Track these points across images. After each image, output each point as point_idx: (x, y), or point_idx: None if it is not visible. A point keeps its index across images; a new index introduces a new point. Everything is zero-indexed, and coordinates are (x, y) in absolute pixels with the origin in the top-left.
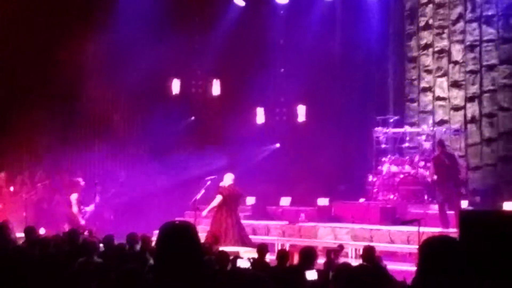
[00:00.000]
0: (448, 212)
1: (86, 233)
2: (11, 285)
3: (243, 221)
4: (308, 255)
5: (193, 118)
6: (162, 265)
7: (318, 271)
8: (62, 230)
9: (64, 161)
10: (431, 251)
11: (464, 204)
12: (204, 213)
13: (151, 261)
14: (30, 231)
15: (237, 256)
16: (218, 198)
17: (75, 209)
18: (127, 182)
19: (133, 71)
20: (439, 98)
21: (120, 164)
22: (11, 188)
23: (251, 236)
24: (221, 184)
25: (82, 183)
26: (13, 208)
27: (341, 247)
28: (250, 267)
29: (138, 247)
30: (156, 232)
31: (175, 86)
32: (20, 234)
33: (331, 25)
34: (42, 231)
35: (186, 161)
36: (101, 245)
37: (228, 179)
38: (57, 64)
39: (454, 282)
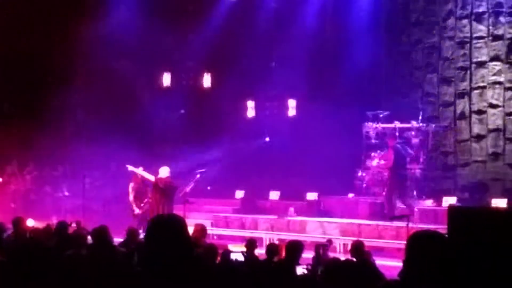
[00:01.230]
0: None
1: (73, 224)
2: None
3: (232, 215)
4: (294, 249)
5: (183, 111)
6: (150, 258)
7: (308, 266)
8: (50, 222)
9: (54, 152)
10: (419, 245)
11: (453, 200)
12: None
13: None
14: (18, 222)
15: (228, 250)
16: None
17: (131, 197)
18: (116, 174)
19: (124, 63)
20: (428, 94)
21: (109, 155)
22: (0, 179)
23: (239, 230)
24: (158, 176)
25: (139, 174)
26: (1, 199)
27: (329, 241)
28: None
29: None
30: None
31: (166, 78)
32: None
33: (322, 19)
34: (30, 222)
35: (176, 153)
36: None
37: (164, 172)
38: (50, 53)
39: (440, 276)
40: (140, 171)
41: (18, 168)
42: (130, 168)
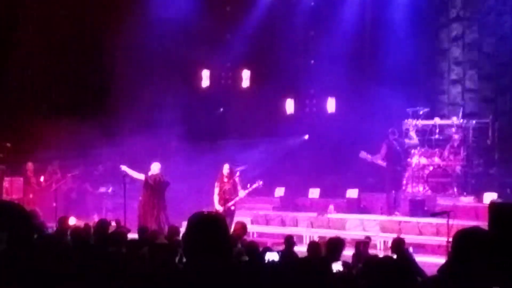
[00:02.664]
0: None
1: (113, 223)
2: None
3: (273, 212)
4: (335, 246)
5: (222, 109)
6: (191, 255)
7: (345, 263)
8: (92, 220)
9: (96, 151)
10: (464, 241)
11: (494, 196)
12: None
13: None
14: (62, 221)
15: (266, 248)
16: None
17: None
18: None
19: (164, 62)
20: (469, 91)
21: (150, 154)
22: (41, 178)
23: (279, 227)
24: (149, 173)
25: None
26: (43, 199)
27: (368, 238)
28: (279, 259)
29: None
30: (184, 222)
31: (205, 77)
32: (51, 224)
33: (361, 15)
34: (72, 220)
35: (216, 151)
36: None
37: (155, 168)
38: (91, 53)
39: (483, 271)
40: (130, 171)
41: (60, 167)
42: (123, 168)
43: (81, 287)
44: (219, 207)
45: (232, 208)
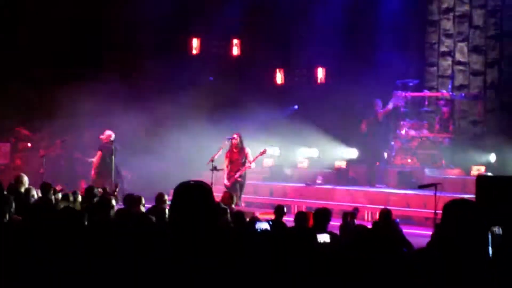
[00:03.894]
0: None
1: (100, 190)
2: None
3: (261, 182)
4: (321, 216)
5: (211, 78)
6: (177, 223)
7: (332, 234)
8: (79, 187)
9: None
10: (454, 212)
11: (481, 169)
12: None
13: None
14: (46, 188)
15: (254, 217)
16: (98, 155)
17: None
18: (146, 141)
19: (152, 27)
20: (459, 63)
21: (139, 123)
22: (29, 144)
23: (268, 197)
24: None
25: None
26: (30, 165)
27: (356, 210)
28: (270, 229)
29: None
30: (172, 191)
31: (195, 45)
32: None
33: None
34: (58, 187)
35: (203, 120)
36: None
37: (108, 135)
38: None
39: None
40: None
41: (48, 133)
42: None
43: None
44: (226, 181)
45: (239, 179)
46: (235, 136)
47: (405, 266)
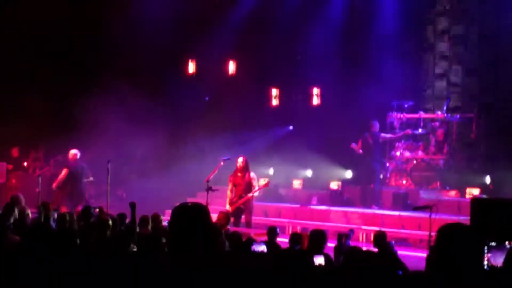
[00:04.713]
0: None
1: (97, 210)
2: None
3: (255, 202)
4: (317, 238)
5: (207, 98)
6: (175, 246)
7: (326, 255)
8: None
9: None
10: (447, 237)
11: (476, 191)
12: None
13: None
14: (45, 207)
15: (250, 238)
16: (65, 171)
17: None
18: (141, 160)
19: (150, 48)
20: (454, 85)
21: (135, 142)
22: (25, 164)
23: (262, 217)
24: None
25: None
26: (26, 184)
27: (351, 231)
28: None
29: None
30: (168, 211)
31: (191, 65)
32: (33, 210)
33: (350, 8)
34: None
35: (201, 141)
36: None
37: (74, 154)
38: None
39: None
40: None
41: (44, 153)
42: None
43: (64, 274)
44: (227, 206)
45: (242, 206)
46: (240, 159)
47: None
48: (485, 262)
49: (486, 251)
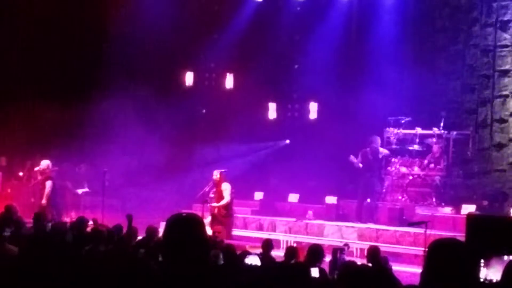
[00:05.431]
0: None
1: (90, 222)
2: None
3: (250, 216)
4: (316, 253)
5: (204, 111)
6: (168, 256)
7: (321, 269)
8: (70, 217)
9: (74, 149)
10: (439, 254)
11: (472, 208)
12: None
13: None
14: (38, 217)
15: (245, 251)
16: (50, 184)
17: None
18: (136, 172)
19: (148, 62)
20: (451, 101)
21: (130, 153)
22: (20, 174)
23: (257, 231)
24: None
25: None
26: (21, 194)
27: (346, 246)
28: (260, 263)
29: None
30: (163, 223)
31: (188, 78)
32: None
33: (347, 24)
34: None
35: (196, 153)
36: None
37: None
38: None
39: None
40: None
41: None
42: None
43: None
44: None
45: (218, 216)
46: (215, 172)
47: None
48: (482, 276)
49: (482, 264)
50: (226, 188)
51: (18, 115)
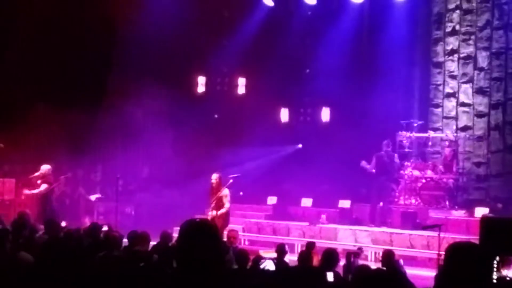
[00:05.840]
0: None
1: (105, 227)
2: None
3: (264, 221)
4: (330, 257)
5: (216, 116)
6: (182, 262)
7: (336, 273)
8: (83, 224)
9: (87, 155)
10: (457, 257)
11: (485, 210)
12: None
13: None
14: (50, 224)
15: (259, 256)
16: (43, 186)
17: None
18: (149, 177)
19: (159, 67)
20: (463, 104)
21: (142, 159)
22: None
23: (271, 236)
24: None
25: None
26: (35, 201)
27: (360, 250)
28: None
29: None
30: (177, 228)
31: (201, 83)
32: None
33: (358, 28)
34: (63, 224)
35: (209, 158)
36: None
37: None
38: (83, 60)
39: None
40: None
41: (53, 170)
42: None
43: None
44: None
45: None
46: (214, 176)
47: None
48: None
49: (496, 264)
50: (226, 194)
51: (33, 121)
